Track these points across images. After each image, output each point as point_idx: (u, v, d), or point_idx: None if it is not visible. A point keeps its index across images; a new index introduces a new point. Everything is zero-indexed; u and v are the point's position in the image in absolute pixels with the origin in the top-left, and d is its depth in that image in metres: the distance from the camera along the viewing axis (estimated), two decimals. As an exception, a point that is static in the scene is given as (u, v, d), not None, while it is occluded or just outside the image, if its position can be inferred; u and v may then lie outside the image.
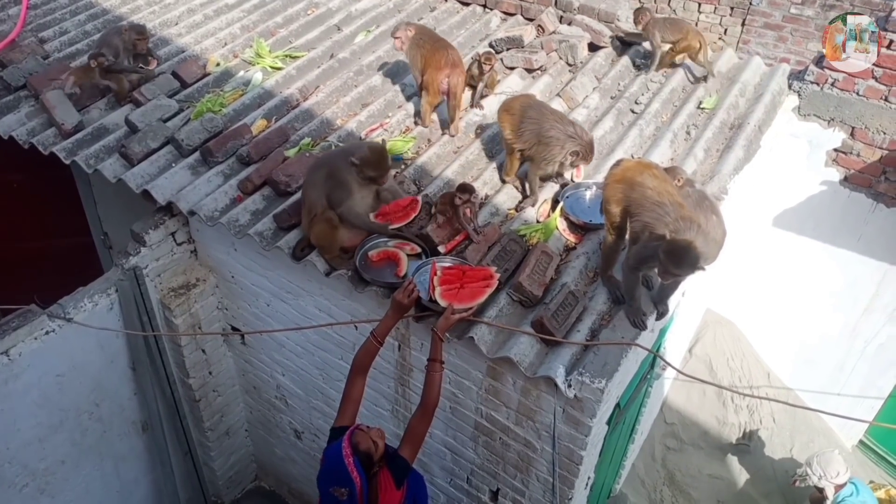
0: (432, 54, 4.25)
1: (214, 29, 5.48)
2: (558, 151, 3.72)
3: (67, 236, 6.05)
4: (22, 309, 3.92)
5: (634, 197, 3.06)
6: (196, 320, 4.51)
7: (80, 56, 5.31)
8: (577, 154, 3.72)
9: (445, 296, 3.13)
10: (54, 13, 5.93)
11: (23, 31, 5.62)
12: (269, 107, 4.64)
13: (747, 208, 4.63)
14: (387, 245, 3.64)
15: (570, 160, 3.75)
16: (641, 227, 3.02)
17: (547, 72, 4.93)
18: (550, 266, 3.44)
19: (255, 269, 4.24)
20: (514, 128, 3.78)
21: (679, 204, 2.93)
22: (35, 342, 3.90)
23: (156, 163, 4.26)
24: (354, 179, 3.50)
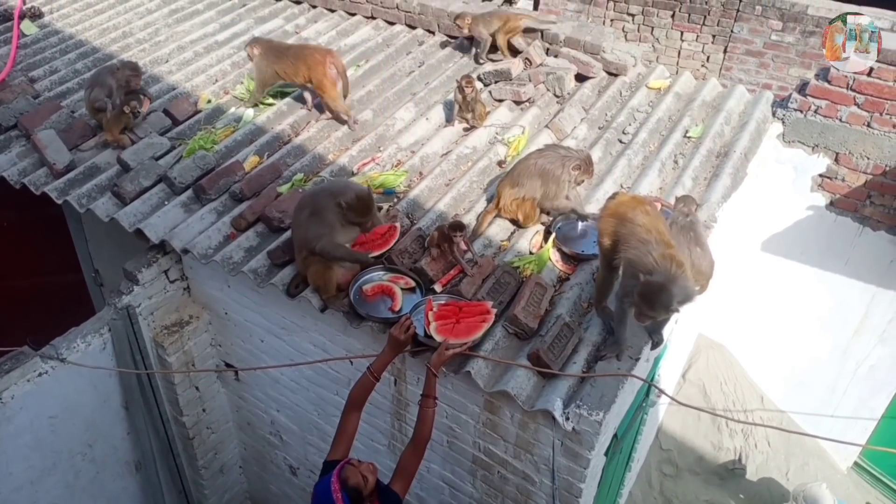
0: (300, 59, 4.53)
1: (205, 66, 5.52)
2: (561, 172, 3.81)
3: (58, 274, 6.02)
4: (14, 351, 3.89)
5: (623, 233, 3.10)
6: (189, 358, 4.48)
7: (71, 94, 5.34)
8: (579, 168, 3.82)
9: (441, 331, 3.14)
10: (44, 52, 5.97)
11: (13, 71, 5.65)
12: (261, 143, 4.68)
13: (736, 235, 4.69)
14: (381, 279, 3.66)
15: (574, 176, 3.84)
16: (627, 263, 3.05)
17: (535, 104, 4.99)
18: (545, 298, 3.46)
19: (249, 306, 4.23)
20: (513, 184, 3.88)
21: (665, 243, 2.96)
22: (28, 384, 3.86)
23: (148, 201, 4.27)
24: (337, 219, 3.52)
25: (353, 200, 3.49)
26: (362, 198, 3.51)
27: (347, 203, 3.46)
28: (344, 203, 3.45)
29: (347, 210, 3.47)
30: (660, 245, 2.94)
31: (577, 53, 5.25)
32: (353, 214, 3.51)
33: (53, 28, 6.34)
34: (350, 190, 3.51)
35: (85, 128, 4.82)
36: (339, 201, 3.45)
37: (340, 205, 3.45)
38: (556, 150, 3.94)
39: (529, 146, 4.52)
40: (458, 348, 3.08)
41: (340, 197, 3.46)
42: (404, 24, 6.04)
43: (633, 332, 3.29)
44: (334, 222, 3.50)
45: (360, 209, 3.51)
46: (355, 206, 3.49)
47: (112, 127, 4.65)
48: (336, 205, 3.46)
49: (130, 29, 6.14)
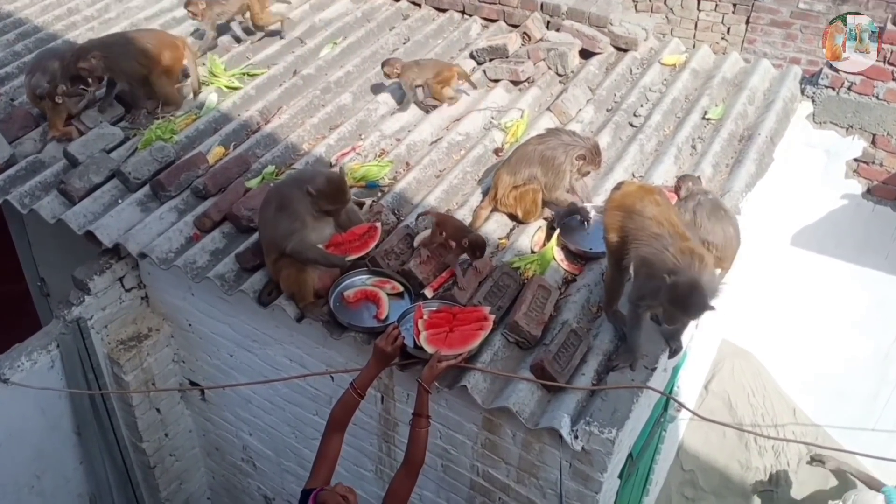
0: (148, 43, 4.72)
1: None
2: (563, 161, 3.83)
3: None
4: (-51, 372, 3.87)
5: (632, 227, 3.12)
6: (149, 376, 4.48)
7: (11, 80, 5.31)
8: (584, 158, 3.84)
9: (432, 341, 3.15)
10: (-21, 36, 5.94)
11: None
12: (227, 132, 4.68)
13: (762, 228, 4.71)
14: (365, 283, 3.66)
15: (578, 166, 3.86)
16: (639, 262, 3.06)
17: (535, 84, 5.01)
18: (549, 301, 3.48)
19: (215, 316, 4.22)
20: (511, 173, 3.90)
21: (680, 235, 2.97)
22: (-34, 408, 3.85)
23: (100, 199, 4.26)
24: (308, 211, 3.50)
25: (324, 185, 3.45)
26: (334, 181, 3.48)
27: (317, 189, 3.43)
28: (313, 189, 3.43)
29: (318, 197, 3.44)
30: (675, 238, 2.95)
31: (581, 26, 5.27)
32: (325, 201, 3.47)
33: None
34: (319, 174, 3.49)
35: (27, 117, 4.80)
36: (307, 188, 3.42)
37: (309, 192, 3.43)
38: (558, 136, 3.96)
39: (529, 131, 4.53)
40: (452, 360, 3.09)
41: (308, 183, 3.43)
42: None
43: (649, 339, 3.30)
44: (305, 216, 3.48)
45: (333, 194, 3.47)
46: (326, 191, 3.46)
47: (55, 118, 4.63)
48: (305, 193, 3.43)
49: (76, 5, 6.11)
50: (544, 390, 3.22)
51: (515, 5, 5.54)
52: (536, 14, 5.42)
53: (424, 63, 4.87)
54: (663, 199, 3.21)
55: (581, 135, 4.05)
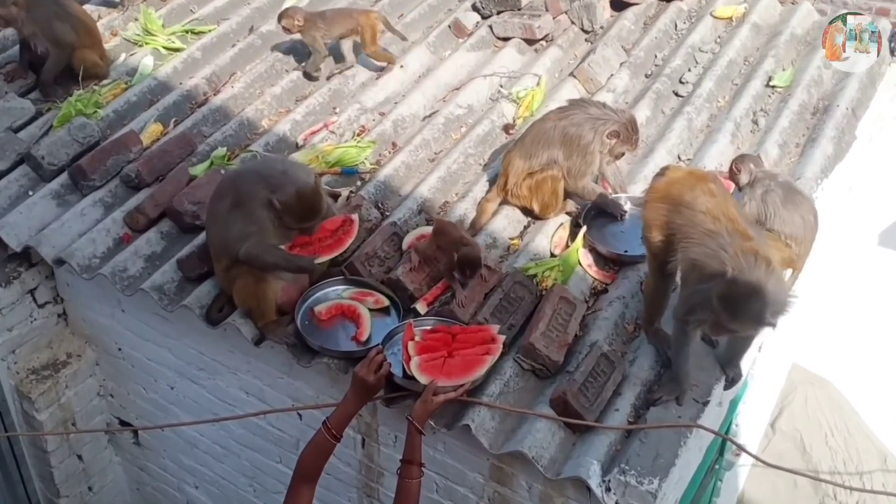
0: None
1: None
2: (592, 139, 3.84)
3: None
4: None
5: (680, 223, 3.13)
6: (68, 414, 4.48)
7: None
8: (617, 134, 3.85)
9: (426, 369, 3.15)
10: None
11: None
12: (166, 105, 4.69)
13: (843, 223, 4.73)
14: (340, 296, 3.67)
15: (610, 145, 3.87)
16: (689, 265, 3.07)
17: (555, 42, 5.03)
18: (573, 318, 3.49)
19: (152, 339, 4.23)
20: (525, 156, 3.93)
21: (741, 233, 2.99)
22: None
23: (5, 191, 4.26)
24: (268, 218, 3.52)
25: (293, 201, 3.45)
26: (305, 198, 3.47)
27: (284, 204, 3.45)
28: (278, 203, 3.44)
29: (283, 212, 3.46)
30: (735, 237, 2.96)
31: (612, -31, 5.30)
32: (292, 219, 3.49)
33: None
34: (288, 183, 3.47)
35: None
36: (270, 199, 3.44)
37: (273, 205, 3.45)
38: (584, 109, 3.96)
39: (548, 103, 4.56)
40: (451, 393, 3.09)
41: (274, 195, 3.44)
42: (366, -69, 6.07)
43: (700, 365, 3.30)
44: (264, 219, 3.50)
45: (302, 213, 3.48)
46: (295, 208, 3.46)
47: None
48: (267, 203, 3.46)
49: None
50: (568, 430, 3.22)
51: (529, -57, 5.55)
52: (557, -46, 5.44)
53: (333, 14, 4.88)
54: (719, 187, 3.22)
55: (613, 107, 4.06)
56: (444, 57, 5.10)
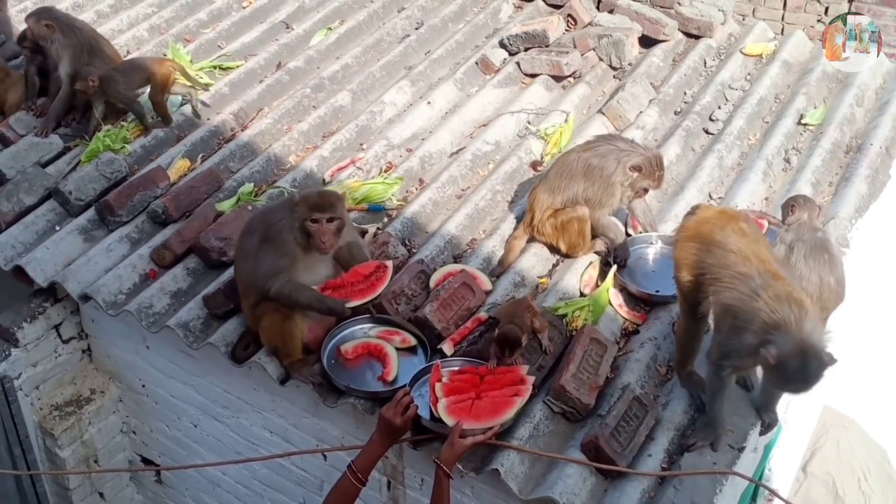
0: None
1: (112, 31, 5.59)
2: (614, 170, 3.82)
3: None
4: None
5: (711, 263, 3.10)
6: (91, 451, 4.46)
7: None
8: (639, 168, 3.82)
9: (453, 411, 3.11)
10: None
11: None
12: (193, 141, 4.72)
13: (876, 264, 4.67)
14: (367, 335, 3.65)
15: (632, 178, 3.83)
16: (722, 310, 3.04)
17: (583, 79, 5.03)
18: (604, 360, 3.45)
19: (176, 376, 4.22)
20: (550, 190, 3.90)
21: (774, 274, 2.95)
22: None
23: (32, 226, 4.30)
24: (298, 241, 3.52)
25: (310, 192, 3.52)
26: (323, 190, 3.54)
27: (302, 195, 3.49)
28: (297, 198, 3.48)
29: (300, 205, 3.45)
30: (767, 279, 2.93)
31: (641, 7, 5.31)
32: (305, 209, 3.45)
33: None
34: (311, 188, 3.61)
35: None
36: (291, 197, 3.52)
37: (294, 204, 3.47)
38: (611, 142, 3.95)
39: (576, 140, 4.55)
40: (479, 435, 3.05)
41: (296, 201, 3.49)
42: (394, -33, 6.12)
43: (734, 410, 3.25)
44: (294, 249, 3.50)
45: (317, 202, 3.46)
46: (311, 197, 3.48)
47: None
48: (289, 210, 3.47)
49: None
50: (600, 476, 3.17)
51: (557, -20, 5.59)
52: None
53: (128, 66, 4.85)
54: (750, 226, 3.19)
55: (641, 144, 4.04)
56: (471, 93, 5.11)
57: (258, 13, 5.78)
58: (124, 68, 4.82)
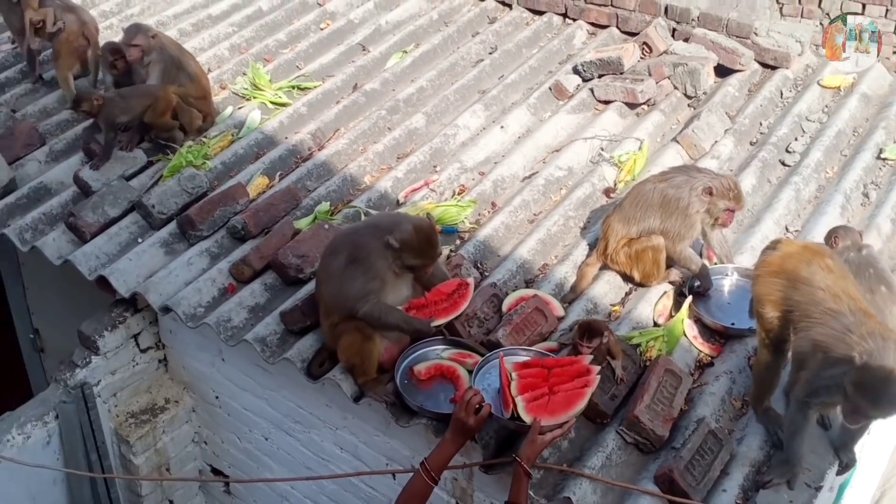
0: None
1: (193, 49, 5.71)
2: (688, 200, 3.80)
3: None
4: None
5: (798, 300, 3.07)
6: (163, 459, 4.54)
7: (12, 86, 5.59)
8: (710, 190, 3.78)
9: (531, 408, 3.12)
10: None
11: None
12: (272, 159, 4.80)
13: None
14: (440, 356, 3.68)
15: (708, 203, 3.80)
16: (811, 347, 3.00)
17: (657, 107, 5.02)
18: (679, 391, 3.42)
19: (250, 389, 4.28)
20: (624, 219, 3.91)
21: (863, 311, 2.93)
22: (-58, 491, 3.96)
23: (116, 238, 4.40)
24: (388, 267, 3.58)
25: (410, 235, 3.51)
26: (423, 230, 3.54)
27: (401, 240, 3.49)
28: (395, 241, 3.49)
29: (402, 250, 3.51)
30: (858, 316, 2.90)
31: (717, 36, 5.28)
32: (411, 255, 3.53)
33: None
34: (403, 222, 3.56)
35: (31, 133, 5.03)
36: (387, 240, 3.49)
37: (390, 244, 3.50)
38: (686, 172, 3.94)
39: (649, 167, 4.54)
40: (557, 430, 3.06)
41: (391, 234, 3.50)
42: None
43: (812, 448, 3.21)
44: (385, 273, 3.55)
45: (421, 247, 3.52)
46: (413, 243, 3.51)
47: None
48: (384, 245, 3.51)
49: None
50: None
51: (632, 8, 5.59)
52: (660, 20, 5.45)
53: (129, 93, 4.90)
54: (836, 263, 3.16)
55: (715, 172, 4.02)
56: (544, 118, 5.13)
57: (336, 35, 5.89)
58: (126, 93, 4.90)
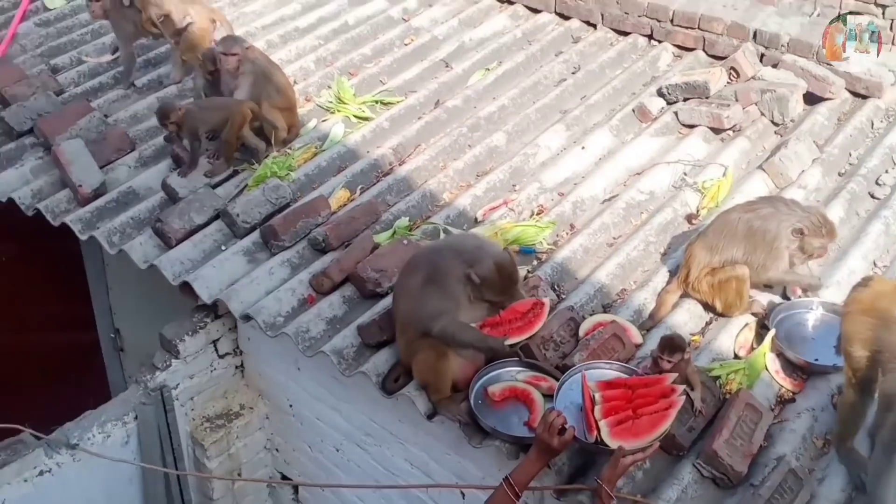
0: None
1: (280, 61, 5.79)
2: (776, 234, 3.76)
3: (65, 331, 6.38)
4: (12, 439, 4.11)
5: (890, 340, 3.00)
6: (236, 464, 4.62)
7: (105, 92, 5.76)
8: (801, 232, 3.75)
9: (616, 433, 3.12)
10: (71, 33, 6.48)
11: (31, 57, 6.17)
12: (353, 172, 4.87)
13: None
14: (515, 378, 3.67)
15: (798, 242, 3.77)
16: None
17: (743, 133, 4.95)
18: (759, 427, 3.37)
19: (324, 399, 4.33)
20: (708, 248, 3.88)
21: None
22: (24, 486, 4.08)
23: (200, 244, 4.50)
24: (464, 292, 3.60)
25: (491, 273, 3.53)
26: (504, 269, 3.55)
27: (482, 276, 3.52)
28: (477, 277, 3.52)
29: (481, 286, 3.54)
30: None
31: (807, 63, 5.19)
32: (490, 291, 3.56)
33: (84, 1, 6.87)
34: (485, 256, 3.56)
35: (122, 139, 5.17)
36: (468, 273, 3.52)
37: (471, 279, 3.53)
38: (772, 203, 3.90)
39: (734, 195, 4.48)
40: (639, 454, 3.06)
41: (473, 268, 3.52)
42: (554, 11, 6.19)
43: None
44: (460, 296, 3.57)
45: (501, 285, 3.55)
46: (493, 281, 3.53)
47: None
48: (465, 277, 3.54)
49: (184, 7, 6.57)
50: (751, 547, 3.10)
51: (720, 32, 5.53)
52: (748, 45, 5.38)
53: (207, 104, 4.96)
54: (929, 304, 3.08)
55: (803, 204, 3.96)
56: (626, 140, 5.09)
57: (420, 51, 5.94)
58: (204, 105, 5.01)
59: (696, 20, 5.59)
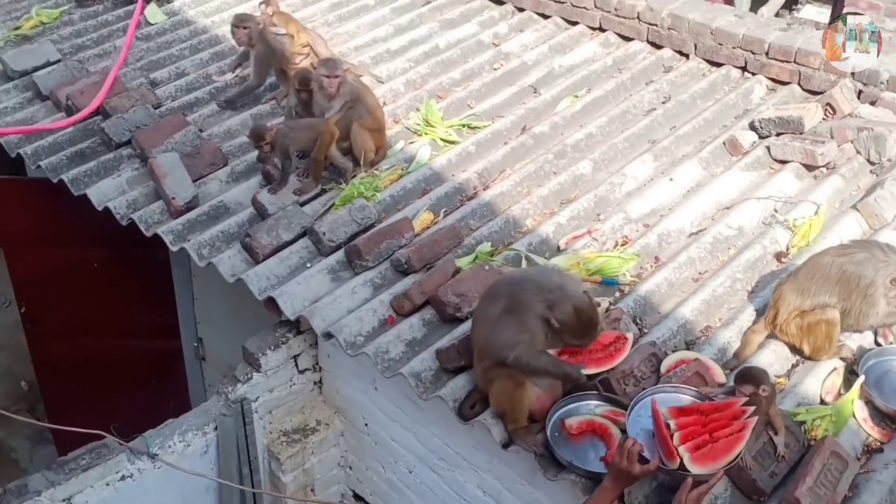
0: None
1: (371, 83, 5.91)
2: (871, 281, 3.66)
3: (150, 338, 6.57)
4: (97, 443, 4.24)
5: None
6: (309, 480, 4.68)
7: (201, 107, 5.92)
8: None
9: (698, 459, 3.11)
10: (170, 48, 6.70)
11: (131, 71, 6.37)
12: (438, 195, 4.90)
13: None
14: (592, 412, 3.65)
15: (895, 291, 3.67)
16: None
17: (837, 171, 4.85)
18: (844, 476, 3.28)
19: (399, 421, 4.36)
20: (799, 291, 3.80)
21: None
22: (106, 489, 4.20)
23: (287, 261, 4.57)
24: (541, 330, 3.57)
25: (570, 318, 3.49)
26: (583, 314, 3.51)
27: (562, 322, 3.49)
28: (556, 321, 3.49)
29: (561, 331, 3.51)
30: None
31: (908, 101, 5.08)
32: (569, 336, 3.53)
33: (185, 17, 7.11)
34: (565, 300, 3.52)
35: (216, 153, 5.31)
36: (547, 317, 3.50)
37: (549, 322, 3.50)
38: (868, 248, 3.78)
39: (825, 234, 4.39)
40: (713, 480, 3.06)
41: (552, 311, 3.49)
42: (646, 40, 6.15)
43: None
44: (537, 330, 3.56)
45: (580, 331, 3.52)
46: (573, 326, 3.50)
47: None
48: (542, 318, 3.51)
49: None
50: None
51: (817, 66, 5.42)
52: (846, 81, 5.27)
53: (296, 125, 5.02)
54: None
55: None
56: (715, 173, 5.02)
57: (508, 76, 5.96)
58: (294, 125, 5.10)
59: (793, 53, 5.49)
